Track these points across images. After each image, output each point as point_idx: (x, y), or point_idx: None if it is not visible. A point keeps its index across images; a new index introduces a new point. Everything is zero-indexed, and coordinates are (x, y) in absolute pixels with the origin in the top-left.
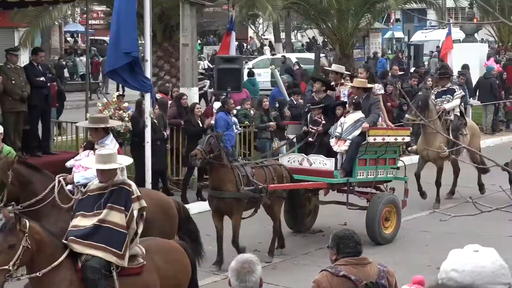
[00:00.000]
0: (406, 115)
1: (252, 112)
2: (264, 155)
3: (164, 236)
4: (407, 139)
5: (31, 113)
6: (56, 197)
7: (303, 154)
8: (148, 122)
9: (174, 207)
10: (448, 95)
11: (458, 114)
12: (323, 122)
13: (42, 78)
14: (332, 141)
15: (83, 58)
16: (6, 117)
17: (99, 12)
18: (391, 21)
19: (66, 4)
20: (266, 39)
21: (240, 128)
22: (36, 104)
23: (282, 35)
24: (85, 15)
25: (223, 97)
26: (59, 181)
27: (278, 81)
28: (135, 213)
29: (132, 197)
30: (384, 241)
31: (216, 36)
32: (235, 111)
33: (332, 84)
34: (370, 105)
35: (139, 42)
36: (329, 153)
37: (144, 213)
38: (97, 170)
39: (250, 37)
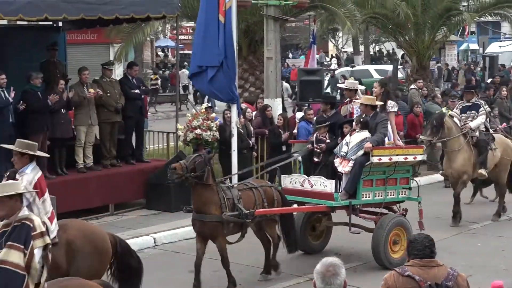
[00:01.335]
0: (421, 136)
1: None
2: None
3: (93, 271)
4: (420, 157)
5: (126, 123)
6: None
7: (304, 175)
8: (234, 132)
9: (108, 242)
10: (473, 111)
11: (484, 130)
12: (328, 140)
13: (136, 91)
14: (337, 161)
15: (185, 71)
16: (102, 127)
17: (188, 28)
18: (466, 33)
19: (158, 21)
20: (346, 52)
21: None
22: (130, 115)
23: (361, 47)
24: (175, 31)
25: (305, 107)
26: None
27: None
28: (37, 251)
29: (34, 233)
30: (392, 266)
31: (298, 50)
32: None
33: (335, 102)
34: (377, 124)
35: None
36: (335, 173)
37: (49, 253)
38: None
39: (320, 50)
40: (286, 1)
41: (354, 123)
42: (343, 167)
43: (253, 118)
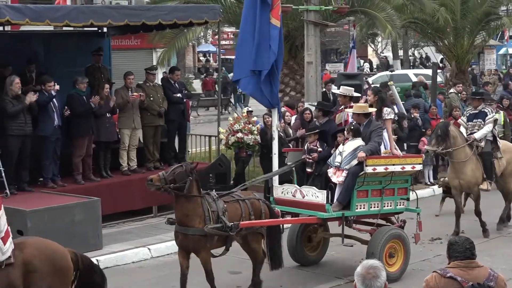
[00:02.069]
0: (425, 146)
1: None
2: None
3: None
4: (418, 167)
5: (168, 127)
6: None
7: (296, 185)
8: (275, 135)
9: (68, 259)
10: (479, 119)
11: (491, 139)
12: (320, 149)
13: (178, 95)
14: (330, 171)
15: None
16: (145, 131)
17: (229, 33)
18: (506, 38)
19: (200, 26)
20: (385, 56)
21: None
22: (173, 118)
23: (400, 52)
24: (216, 36)
25: None
26: None
27: (395, 95)
28: None
29: None
30: (387, 280)
31: (337, 55)
32: None
33: (329, 109)
34: (371, 132)
35: None
36: (328, 183)
37: None
38: None
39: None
40: (326, 6)
41: (345, 132)
42: (337, 177)
43: (292, 121)
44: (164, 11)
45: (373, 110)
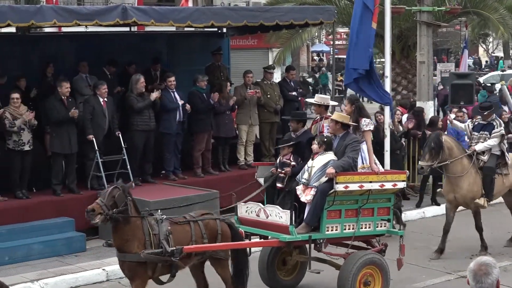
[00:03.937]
0: (420, 162)
1: None
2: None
3: None
4: (401, 184)
5: (283, 123)
6: None
7: (260, 204)
8: (387, 132)
9: None
10: (486, 132)
11: (498, 153)
12: (293, 163)
13: (293, 93)
14: (299, 188)
15: None
16: (262, 127)
17: (342, 33)
18: None
19: (315, 27)
20: (497, 56)
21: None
22: (288, 115)
23: None
24: (330, 36)
25: (456, 109)
26: None
27: (506, 95)
28: None
29: None
30: None
31: (448, 54)
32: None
33: (306, 118)
34: (346, 146)
35: (379, 60)
36: (299, 201)
37: None
38: None
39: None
40: (439, 7)
41: (317, 145)
42: (306, 195)
43: (403, 120)
44: (281, 12)
45: (353, 124)
